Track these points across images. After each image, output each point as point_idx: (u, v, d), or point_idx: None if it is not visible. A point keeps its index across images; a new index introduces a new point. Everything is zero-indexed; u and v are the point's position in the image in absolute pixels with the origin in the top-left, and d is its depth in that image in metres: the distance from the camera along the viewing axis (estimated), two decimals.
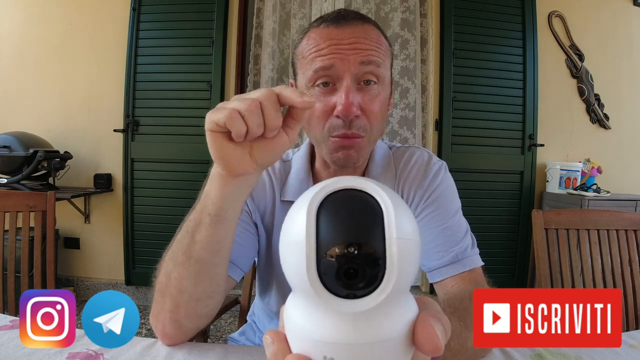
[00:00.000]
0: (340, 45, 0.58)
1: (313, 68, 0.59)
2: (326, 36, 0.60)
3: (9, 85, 2.41)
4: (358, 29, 0.60)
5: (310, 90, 0.61)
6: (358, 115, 0.59)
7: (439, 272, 0.64)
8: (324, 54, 0.59)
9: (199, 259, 0.48)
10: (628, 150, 2.49)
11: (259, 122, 0.37)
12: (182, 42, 2.27)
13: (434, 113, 2.30)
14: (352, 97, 0.57)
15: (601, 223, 1.06)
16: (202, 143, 2.37)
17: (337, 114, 0.58)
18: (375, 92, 0.61)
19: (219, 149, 0.40)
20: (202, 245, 0.47)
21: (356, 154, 0.62)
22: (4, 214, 1.03)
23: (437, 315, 0.21)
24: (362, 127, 0.60)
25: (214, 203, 0.45)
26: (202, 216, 0.46)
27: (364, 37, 0.59)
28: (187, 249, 0.48)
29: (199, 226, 0.47)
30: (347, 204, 0.20)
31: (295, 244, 0.20)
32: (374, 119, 0.61)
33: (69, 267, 2.42)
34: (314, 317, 0.20)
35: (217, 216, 0.45)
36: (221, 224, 0.46)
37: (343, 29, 0.59)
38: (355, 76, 0.59)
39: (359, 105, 0.59)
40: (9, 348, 0.52)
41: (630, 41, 2.47)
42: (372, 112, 0.60)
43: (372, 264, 0.19)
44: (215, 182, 0.44)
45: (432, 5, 2.29)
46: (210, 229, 0.46)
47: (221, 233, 0.47)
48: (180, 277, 0.50)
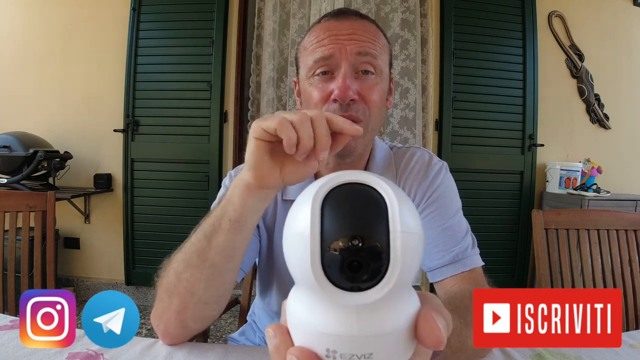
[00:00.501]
0: (338, 36, 0.61)
1: (314, 58, 0.61)
2: (326, 28, 0.62)
3: (10, 85, 2.41)
4: (356, 23, 0.62)
5: (310, 79, 0.63)
6: (355, 99, 0.59)
7: (439, 272, 0.64)
8: (324, 44, 0.61)
9: (213, 263, 0.48)
10: (628, 150, 2.49)
11: (310, 134, 0.37)
12: (182, 42, 2.27)
13: (434, 113, 2.30)
14: (349, 81, 0.58)
15: (601, 223, 1.06)
16: (202, 143, 2.39)
17: (334, 98, 0.59)
18: (373, 82, 0.62)
19: (259, 158, 0.40)
20: (218, 250, 0.48)
21: (354, 142, 0.62)
22: (4, 214, 1.03)
23: (439, 309, 0.21)
24: (360, 111, 0.60)
25: (236, 210, 0.45)
26: (222, 221, 0.47)
27: (362, 30, 0.62)
28: (203, 252, 0.48)
29: (217, 231, 0.47)
30: (351, 197, 0.20)
31: (299, 237, 0.20)
32: (372, 106, 0.62)
33: (69, 267, 2.42)
34: (317, 310, 0.21)
35: (237, 222, 0.46)
36: (240, 230, 0.46)
37: (342, 22, 0.62)
38: (353, 65, 0.60)
39: (356, 91, 0.60)
40: (9, 348, 0.52)
41: (630, 41, 2.47)
42: (370, 100, 0.61)
43: (376, 257, 0.19)
44: (240, 190, 0.44)
45: (432, 5, 2.29)
46: (228, 235, 0.47)
47: (238, 240, 0.47)
48: (192, 279, 0.50)
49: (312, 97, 0.62)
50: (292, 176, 0.42)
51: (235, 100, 2.32)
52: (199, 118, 2.27)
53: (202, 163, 2.24)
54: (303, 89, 0.65)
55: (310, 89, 0.62)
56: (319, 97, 0.61)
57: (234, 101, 2.31)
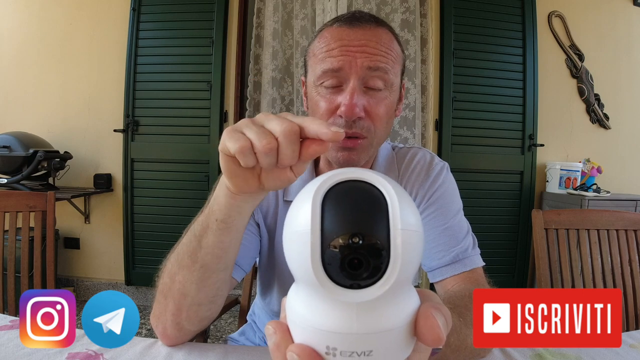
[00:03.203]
0: (349, 47, 0.58)
1: (322, 68, 0.59)
2: (337, 36, 0.59)
3: (9, 85, 2.41)
4: (369, 32, 0.59)
5: (317, 88, 0.61)
6: (361, 117, 0.58)
7: (439, 272, 0.64)
8: (334, 55, 0.58)
9: (204, 264, 0.48)
10: (628, 150, 2.49)
11: (271, 162, 0.34)
12: (182, 42, 2.27)
13: (434, 113, 2.30)
14: (356, 98, 0.57)
15: (601, 223, 1.06)
16: (202, 143, 2.38)
17: (339, 114, 0.58)
18: (382, 96, 0.60)
19: (228, 170, 0.38)
20: (207, 250, 0.47)
21: (357, 157, 0.61)
22: (4, 214, 1.03)
23: (438, 306, 0.21)
24: (364, 128, 0.59)
25: (221, 210, 0.44)
26: (210, 221, 0.46)
27: (375, 41, 0.59)
28: (193, 253, 0.48)
29: (206, 230, 0.46)
30: (351, 195, 0.20)
31: (300, 234, 0.20)
32: (378, 122, 0.60)
33: (69, 267, 2.42)
34: (317, 307, 0.21)
35: (223, 222, 0.45)
36: (227, 231, 0.45)
37: (355, 30, 0.59)
38: (362, 79, 0.58)
39: (363, 108, 0.58)
40: (9, 348, 0.52)
41: (630, 41, 2.47)
42: (377, 115, 0.60)
43: (376, 254, 0.19)
44: (223, 192, 0.43)
45: (432, 5, 2.29)
46: (217, 235, 0.46)
47: (226, 240, 0.46)
48: (184, 281, 0.50)
49: (318, 107, 0.61)
50: (271, 183, 0.39)
51: (235, 100, 2.32)
52: (199, 118, 2.27)
53: (202, 163, 2.24)
54: (310, 96, 0.64)
55: (318, 98, 0.61)
56: (326, 109, 0.60)
57: (234, 101, 2.31)
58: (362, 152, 0.61)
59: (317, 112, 0.61)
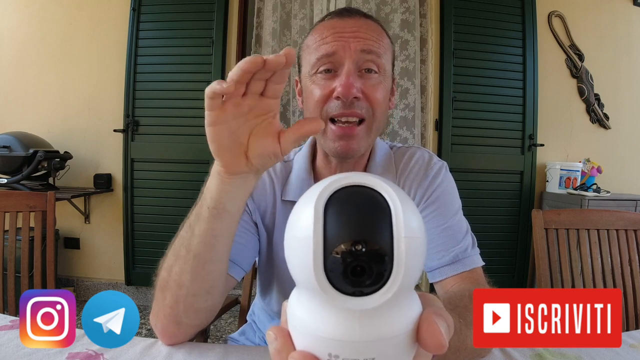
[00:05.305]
0: (342, 34, 0.60)
1: (317, 55, 0.61)
2: (330, 26, 0.62)
3: (9, 85, 2.41)
4: (361, 22, 0.62)
5: (312, 77, 0.62)
6: (358, 97, 0.59)
7: (439, 272, 0.64)
8: (327, 41, 0.60)
9: (197, 253, 0.49)
10: (628, 150, 2.49)
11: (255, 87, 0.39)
12: (182, 42, 2.27)
13: (434, 113, 2.30)
14: (352, 79, 0.58)
15: (601, 223, 1.06)
16: (202, 143, 2.37)
17: (336, 95, 0.58)
18: (376, 80, 0.61)
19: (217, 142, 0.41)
20: (200, 239, 0.48)
21: (356, 145, 0.61)
22: (4, 214, 1.03)
23: (440, 312, 0.21)
24: (363, 109, 0.60)
25: (212, 197, 0.46)
26: (202, 210, 0.48)
27: (366, 29, 0.61)
28: (188, 243, 0.49)
29: (198, 219, 0.48)
30: (354, 200, 0.20)
31: (302, 240, 0.20)
32: (376, 104, 0.61)
33: (69, 267, 2.42)
34: (319, 314, 0.20)
35: (215, 209, 0.46)
36: (219, 217, 0.47)
37: (346, 20, 0.62)
38: (356, 63, 0.59)
39: (360, 89, 0.59)
40: (9, 348, 0.52)
41: (630, 41, 2.47)
42: (374, 98, 0.60)
43: (379, 262, 0.19)
44: (215, 178, 0.46)
45: (432, 5, 2.29)
46: (208, 222, 0.47)
47: (217, 227, 0.48)
48: (180, 272, 0.50)
49: (313, 95, 0.61)
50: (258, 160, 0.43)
51: None
52: (199, 118, 2.25)
53: (202, 163, 2.24)
54: (305, 87, 0.64)
55: (312, 86, 0.62)
56: (321, 95, 0.60)
57: None
58: (361, 139, 0.61)
59: (312, 100, 0.62)
